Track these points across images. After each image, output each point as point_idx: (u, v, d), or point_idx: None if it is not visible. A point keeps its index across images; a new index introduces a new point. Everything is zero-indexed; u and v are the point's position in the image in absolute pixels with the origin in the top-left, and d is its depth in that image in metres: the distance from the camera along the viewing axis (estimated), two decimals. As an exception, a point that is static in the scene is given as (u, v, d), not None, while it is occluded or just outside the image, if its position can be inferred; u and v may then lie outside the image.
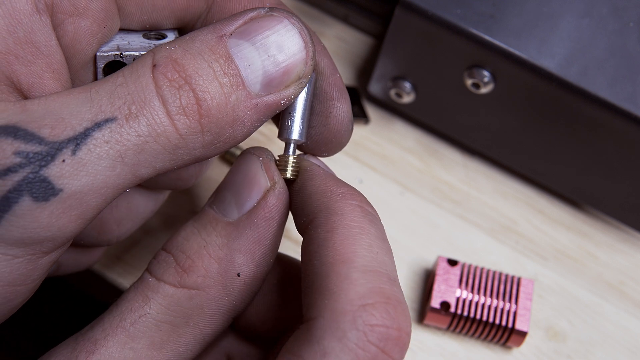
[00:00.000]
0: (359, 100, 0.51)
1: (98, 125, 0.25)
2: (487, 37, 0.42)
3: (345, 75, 0.53)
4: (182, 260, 0.28)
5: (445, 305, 0.43)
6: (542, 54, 0.42)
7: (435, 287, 0.43)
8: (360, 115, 0.51)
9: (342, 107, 0.32)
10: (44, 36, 0.27)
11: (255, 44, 0.27)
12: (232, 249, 0.29)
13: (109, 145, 0.25)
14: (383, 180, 0.49)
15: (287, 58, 0.27)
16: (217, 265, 0.28)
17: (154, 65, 0.26)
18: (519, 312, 0.42)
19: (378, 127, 0.51)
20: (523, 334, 0.42)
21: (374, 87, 0.49)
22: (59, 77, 0.27)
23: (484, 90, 0.44)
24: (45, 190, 0.24)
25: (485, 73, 0.43)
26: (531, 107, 0.44)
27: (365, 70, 0.53)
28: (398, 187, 0.49)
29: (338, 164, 0.50)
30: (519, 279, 0.43)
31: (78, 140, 0.24)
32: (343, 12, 0.55)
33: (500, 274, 0.44)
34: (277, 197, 0.30)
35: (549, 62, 0.42)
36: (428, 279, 0.46)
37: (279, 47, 0.27)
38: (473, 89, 0.45)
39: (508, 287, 0.43)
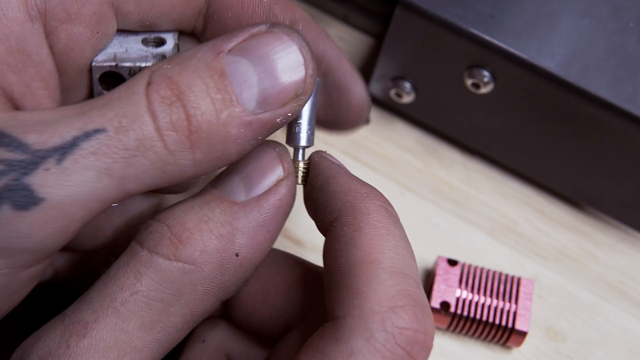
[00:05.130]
0: (359, 100, 0.51)
1: (87, 135, 0.24)
2: (487, 37, 0.42)
3: (345, 75, 0.53)
4: (178, 232, 0.27)
5: (445, 305, 0.43)
6: (542, 54, 0.42)
7: (435, 287, 0.43)
8: (360, 115, 0.51)
9: (360, 92, 0.33)
10: (36, 44, 0.27)
11: (252, 61, 0.27)
12: (235, 228, 0.28)
13: (96, 157, 0.24)
14: (383, 180, 0.49)
15: (285, 76, 0.27)
16: (216, 241, 0.28)
17: (149, 83, 0.26)
18: (519, 312, 0.42)
19: (378, 127, 0.51)
20: (523, 334, 0.42)
21: (374, 87, 0.49)
22: (47, 87, 0.27)
23: (484, 90, 0.44)
24: (26, 199, 0.23)
25: (485, 73, 0.43)
26: (531, 107, 0.44)
27: (365, 70, 0.53)
28: (398, 187, 0.49)
29: (338, 164, 0.50)
30: (519, 279, 0.43)
31: (65, 149, 0.24)
32: (343, 12, 0.55)
33: (500, 274, 0.44)
34: (289, 189, 0.30)
35: (549, 62, 0.42)
36: (428, 279, 0.46)
37: (276, 65, 0.27)
38: (473, 89, 0.45)
39: (508, 287, 0.43)
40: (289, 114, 0.28)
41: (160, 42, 0.31)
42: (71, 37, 0.28)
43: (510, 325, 0.42)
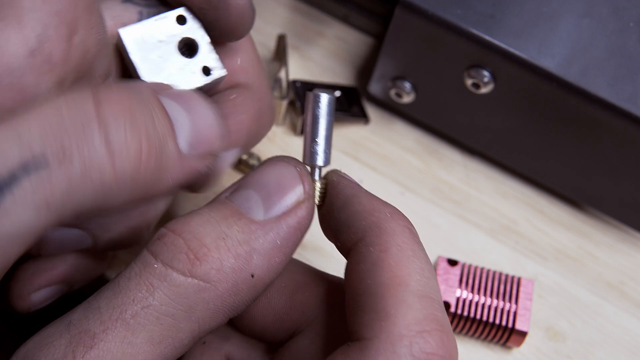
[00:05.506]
0: (359, 100, 0.51)
1: (25, 170, 0.23)
2: (487, 37, 0.42)
3: (345, 75, 0.53)
4: (195, 247, 0.27)
5: (445, 305, 0.43)
6: (542, 54, 0.42)
7: (435, 287, 0.43)
8: (360, 115, 0.51)
9: None
10: (32, 79, 0.26)
11: (185, 107, 0.28)
12: (252, 248, 0.28)
13: (36, 193, 0.23)
14: (383, 180, 0.49)
15: (203, 129, 0.28)
16: (233, 260, 0.27)
17: (99, 102, 0.25)
18: (519, 312, 0.42)
19: (378, 127, 0.51)
20: (523, 334, 0.42)
21: (374, 87, 0.49)
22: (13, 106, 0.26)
23: (484, 90, 0.44)
24: None
25: (485, 73, 0.43)
26: (531, 107, 0.44)
27: (365, 70, 0.53)
28: (398, 187, 0.49)
29: (338, 164, 0.50)
30: (519, 279, 0.43)
31: (3, 186, 0.23)
32: (343, 12, 0.55)
33: (500, 274, 0.44)
34: (308, 211, 0.29)
35: (549, 62, 0.42)
36: (428, 279, 0.46)
37: (199, 116, 0.28)
38: (473, 89, 0.45)
39: (508, 287, 0.43)
40: (210, 165, 0.29)
41: (191, 47, 0.32)
42: (83, 48, 0.28)
43: (510, 325, 0.42)
